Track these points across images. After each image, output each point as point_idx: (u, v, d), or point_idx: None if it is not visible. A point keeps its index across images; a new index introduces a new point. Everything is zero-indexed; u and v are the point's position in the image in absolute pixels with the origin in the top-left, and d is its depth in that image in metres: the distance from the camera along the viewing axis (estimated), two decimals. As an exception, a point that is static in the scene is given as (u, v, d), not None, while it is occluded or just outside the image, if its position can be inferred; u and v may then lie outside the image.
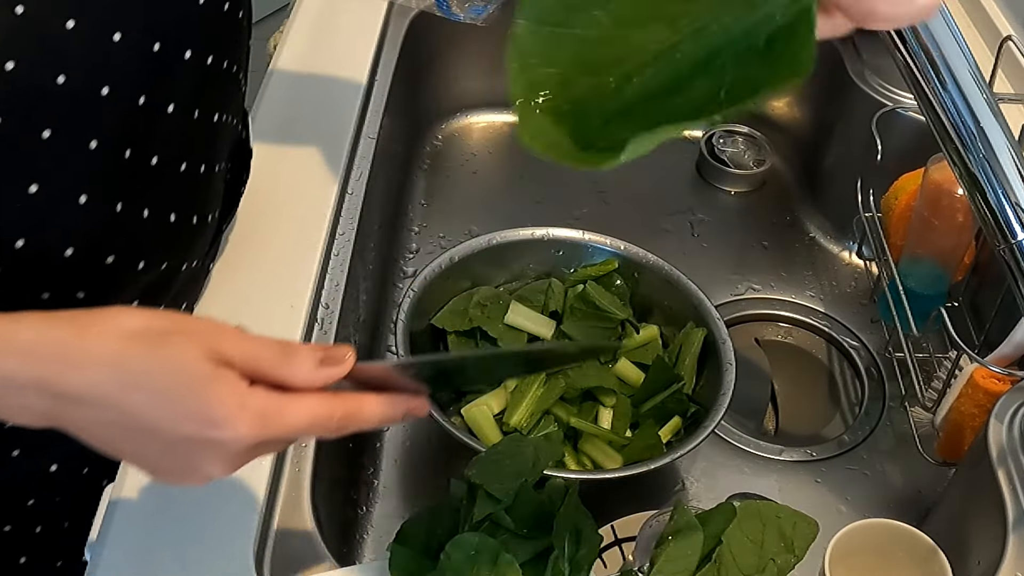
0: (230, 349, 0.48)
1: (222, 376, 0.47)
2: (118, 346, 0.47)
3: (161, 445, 0.48)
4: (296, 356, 0.50)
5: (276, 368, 0.49)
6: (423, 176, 1.21)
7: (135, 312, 0.49)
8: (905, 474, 0.92)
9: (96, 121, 0.59)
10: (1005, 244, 0.64)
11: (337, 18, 1.12)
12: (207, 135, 0.70)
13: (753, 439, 0.93)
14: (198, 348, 0.47)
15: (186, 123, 0.66)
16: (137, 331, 0.47)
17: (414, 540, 0.62)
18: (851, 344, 1.03)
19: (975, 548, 0.72)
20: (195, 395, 0.47)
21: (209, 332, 0.49)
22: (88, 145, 0.59)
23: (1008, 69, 1.06)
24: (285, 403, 0.49)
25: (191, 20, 0.63)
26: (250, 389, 0.48)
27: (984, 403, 0.79)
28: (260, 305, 0.79)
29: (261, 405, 0.48)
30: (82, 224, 0.61)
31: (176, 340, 0.47)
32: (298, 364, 0.50)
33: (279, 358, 0.49)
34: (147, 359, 0.47)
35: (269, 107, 0.98)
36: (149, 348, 0.47)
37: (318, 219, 0.87)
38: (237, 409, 0.47)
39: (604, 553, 0.70)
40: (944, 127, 0.64)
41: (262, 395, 0.48)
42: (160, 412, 0.47)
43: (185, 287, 0.75)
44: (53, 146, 0.57)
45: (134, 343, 0.47)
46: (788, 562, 0.63)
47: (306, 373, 0.50)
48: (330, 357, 0.51)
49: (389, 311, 1.02)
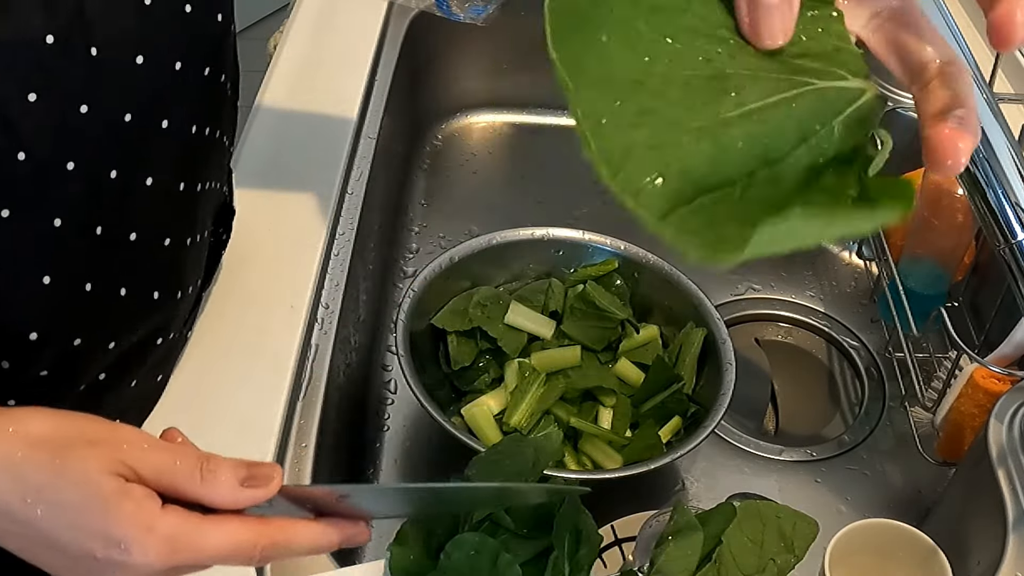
0: (139, 463, 0.45)
1: (128, 493, 0.44)
2: (19, 454, 0.44)
3: (66, 560, 0.45)
4: (216, 473, 0.46)
5: (192, 486, 0.46)
6: (423, 176, 1.21)
7: (44, 416, 0.46)
8: (905, 474, 0.92)
9: (60, 198, 0.55)
10: (1005, 244, 0.64)
11: (337, 18, 1.12)
12: (191, 206, 0.66)
13: (753, 439, 0.93)
14: (104, 461, 0.44)
15: (167, 195, 0.62)
16: (41, 439, 0.45)
17: (414, 540, 0.62)
18: (851, 344, 1.03)
19: (975, 548, 0.72)
20: (98, 512, 0.44)
21: (118, 443, 0.45)
22: (52, 223, 0.55)
23: (1008, 69, 1.06)
24: (200, 527, 0.45)
25: (166, 89, 0.59)
26: (161, 510, 0.45)
27: (984, 403, 0.79)
28: (260, 305, 0.79)
29: (171, 529, 0.45)
30: (46, 306, 0.57)
31: (80, 452, 0.45)
32: (218, 483, 0.46)
33: (196, 474, 0.46)
34: (48, 471, 0.44)
35: (269, 108, 0.98)
36: (50, 459, 0.44)
37: (318, 219, 0.87)
38: (144, 531, 0.44)
39: (604, 553, 0.70)
40: (944, 127, 0.64)
41: (173, 517, 0.45)
42: (61, 527, 0.44)
43: (162, 359, 0.71)
44: (12, 224, 0.53)
45: (36, 452, 0.44)
46: (788, 562, 0.63)
47: (226, 492, 0.46)
48: (254, 476, 0.47)
49: (389, 311, 1.01)
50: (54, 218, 0.55)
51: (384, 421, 0.93)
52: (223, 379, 0.74)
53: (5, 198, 0.53)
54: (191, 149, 0.64)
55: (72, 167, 0.54)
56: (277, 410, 0.72)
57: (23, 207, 0.53)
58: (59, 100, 0.53)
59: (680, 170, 0.37)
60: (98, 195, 0.57)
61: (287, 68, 1.04)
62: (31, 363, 0.59)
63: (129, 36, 0.55)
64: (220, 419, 0.71)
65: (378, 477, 0.89)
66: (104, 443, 0.45)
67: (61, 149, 0.54)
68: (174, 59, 0.59)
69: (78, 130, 0.54)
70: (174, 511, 0.45)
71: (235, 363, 0.75)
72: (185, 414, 0.71)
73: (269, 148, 0.93)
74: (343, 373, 0.83)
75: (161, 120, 0.60)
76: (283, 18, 1.17)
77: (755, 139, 0.39)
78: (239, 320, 0.78)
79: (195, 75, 0.61)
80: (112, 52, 0.54)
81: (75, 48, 0.52)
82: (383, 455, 0.91)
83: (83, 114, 0.54)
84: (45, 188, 0.54)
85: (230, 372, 0.75)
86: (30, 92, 0.51)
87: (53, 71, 0.52)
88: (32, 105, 0.51)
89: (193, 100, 0.62)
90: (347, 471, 0.85)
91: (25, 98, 0.51)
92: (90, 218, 0.57)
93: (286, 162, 0.92)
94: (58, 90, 0.52)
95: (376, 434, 0.91)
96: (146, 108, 0.58)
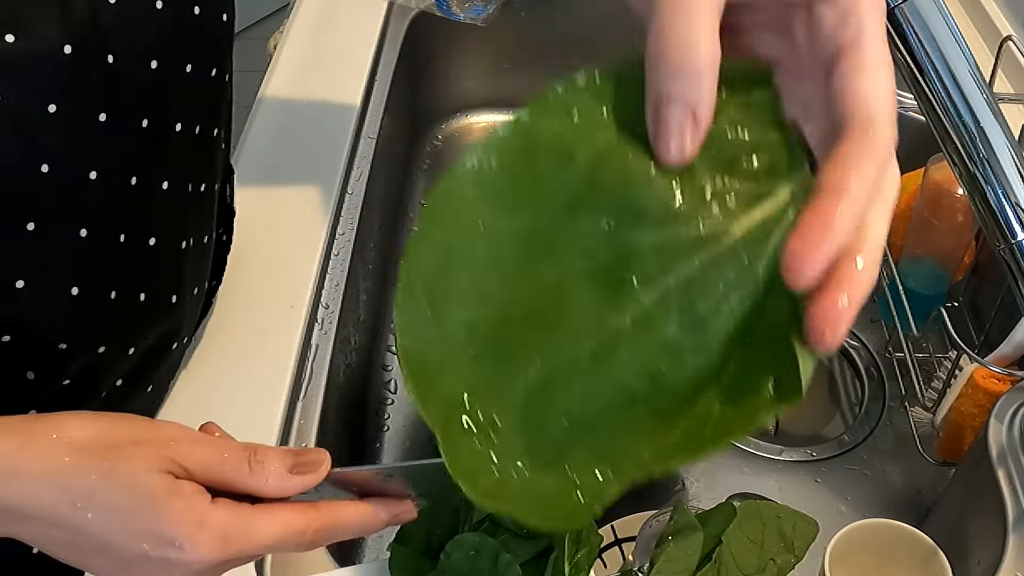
0: (187, 459, 0.45)
1: (178, 490, 0.44)
2: (65, 460, 0.44)
3: (117, 561, 0.45)
4: (264, 463, 0.46)
5: (242, 477, 0.45)
6: (423, 176, 1.21)
7: (84, 420, 0.45)
8: (905, 474, 0.92)
9: (85, 208, 0.55)
10: (1005, 244, 0.64)
11: (337, 18, 1.12)
12: (202, 207, 0.66)
13: (753, 439, 0.93)
14: (151, 460, 0.44)
15: (182, 198, 0.63)
16: (85, 443, 0.44)
17: (414, 540, 0.62)
18: (851, 344, 1.03)
19: (975, 548, 0.72)
20: (149, 512, 0.43)
21: (164, 441, 0.45)
22: (78, 233, 0.55)
23: (1008, 69, 1.06)
24: (251, 518, 0.45)
25: (178, 92, 0.59)
26: (211, 504, 0.45)
27: (984, 403, 0.79)
28: (260, 305, 0.79)
29: (223, 522, 0.44)
30: (74, 317, 0.57)
31: (127, 452, 0.44)
32: (267, 472, 0.46)
33: (244, 465, 0.46)
34: (96, 475, 0.44)
35: (269, 108, 0.98)
36: (98, 462, 0.44)
37: (318, 219, 0.87)
38: (196, 527, 0.44)
39: (604, 553, 0.70)
40: (944, 127, 0.64)
41: (224, 511, 0.45)
42: (112, 530, 0.44)
43: (175, 362, 0.71)
44: (38, 238, 0.53)
45: (82, 457, 0.44)
46: (788, 562, 0.63)
47: (276, 482, 0.46)
48: (303, 463, 0.46)
49: (389, 311, 1.01)
50: (79, 228, 0.55)
51: (384, 421, 0.93)
52: (223, 379, 0.74)
53: (30, 210, 0.52)
54: (200, 150, 0.64)
55: (95, 176, 0.54)
56: (277, 410, 0.72)
57: (48, 219, 0.53)
58: (78, 110, 0.52)
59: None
60: (121, 203, 0.57)
61: (287, 68, 1.04)
62: (57, 373, 0.59)
63: (143, 42, 0.55)
64: (220, 419, 0.70)
65: (378, 477, 0.89)
66: (150, 442, 0.45)
67: (83, 159, 0.54)
68: (185, 62, 0.59)
69: (98, 139, 0.54)
70: (224, 504, 0.45)
71: (235, 363, 0.75)
72: (185, 414, 0.71)
73: (269, 148, 0.93)
74: (343, 373, 0.83)
75: (175, 123, 0.60)
76: (283, 18, 1.17)
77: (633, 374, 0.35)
78: (239, 320, 0.78)
79: (203, 76, 0.61)
80: (128, 59, 0.54)
81: (92, 57, 0.52)
82: (383, 455, 0.91)
83: (102, 122, 0.54)
84: (69, 199, 0.54)
85: (230, 372, 0.74)
86: (50, 104, 0.51)
87: (71, 81, 0.51)
88: (52, 116, 0.51)
89: (201, 101, 0.62)
90: (347, 471, 0.85)
91: (45, 109, 0.51)
92: (114, 226, 0.57)
93: (286, 162, 0.92)
94: (77, 100, 0.52)
95: (376, 434, 0.91)
96: (161, 112, 0.58)
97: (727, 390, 0.34)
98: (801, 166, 0.35)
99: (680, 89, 0.34)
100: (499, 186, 0.35)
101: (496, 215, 0.35)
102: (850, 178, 0.33)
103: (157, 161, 0.59)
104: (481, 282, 0.35)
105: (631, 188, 0.35)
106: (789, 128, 0.36)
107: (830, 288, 0.32)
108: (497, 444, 0.36)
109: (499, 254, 0.35)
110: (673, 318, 0.35)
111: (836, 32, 0.35)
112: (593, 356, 0.35)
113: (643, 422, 0.35)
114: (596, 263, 0.35)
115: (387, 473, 0.50)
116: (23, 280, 0.54)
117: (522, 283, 0.35)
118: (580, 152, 0.35)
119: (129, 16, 0.54)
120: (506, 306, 0.35)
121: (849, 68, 0.34)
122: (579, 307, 0.35)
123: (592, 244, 0.35)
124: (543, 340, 0.35)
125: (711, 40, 0.34)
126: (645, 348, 0.35)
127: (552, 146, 0.35)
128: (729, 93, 0.36)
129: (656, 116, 0.35)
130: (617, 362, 0.35)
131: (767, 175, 0.35)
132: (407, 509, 0.50)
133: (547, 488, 0.35)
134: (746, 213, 0.35)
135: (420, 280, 0.35)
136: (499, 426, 0.36)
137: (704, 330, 0.35)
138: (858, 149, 0.33)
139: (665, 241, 0.35)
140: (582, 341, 0.35)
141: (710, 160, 0.35)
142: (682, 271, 0.35)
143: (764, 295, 0.34)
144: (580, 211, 0.35)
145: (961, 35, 0.63)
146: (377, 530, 0.50)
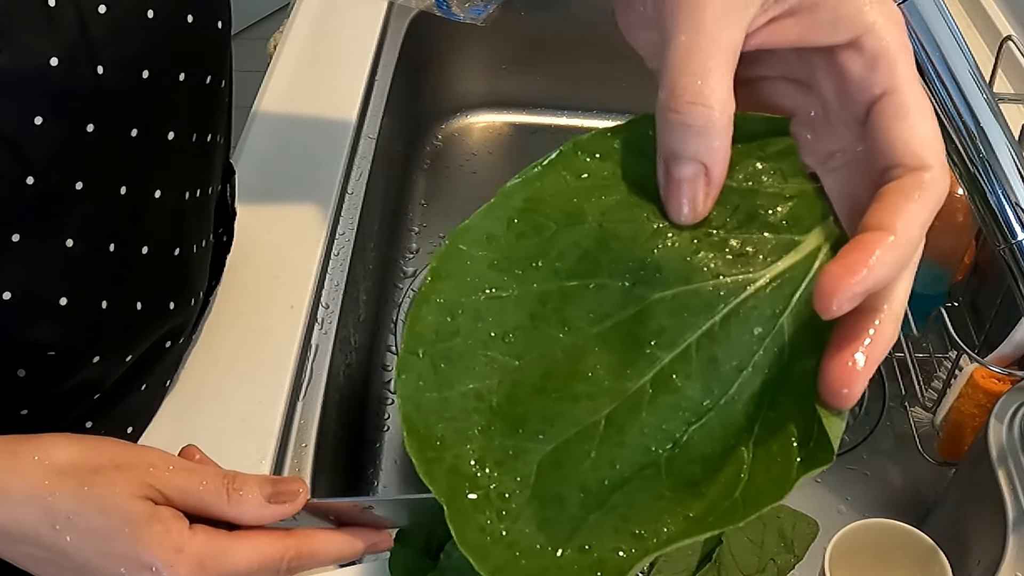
0: (166, 485, 0.46)
1: (157, 516, 0.45)
2: (46, 483, 0.44)
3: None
4: (242, 492, 0.47)
5: (220, 505, 0.46)
6: (423, 176, 1.21)
7: (68, 443, 0.46)
8: (905, 474, 0.92)
9: (72, 219, 0.54)
10: (1005, 244, 0.64)
11: (337, 18, 1.12)
12: (198, 213, 0.66)
13: (753, 439, 0.93)
14: (131, 486, 0.45)
15: (175, 206, 0.62)
16: (67, 466, 0.45)
17: (414, 540, 0.62)
18: (851, 344, 1.03)
19: (975, 548, 0.72)
20: (127, 537, 0.44)
21: (144, 467, 0.46)
22: (65, 244, 0.54)
23: (1008, 69, 1.06)
24: (228, 545, 0.46)
25: (170, 100, 0.58)
26: (189, 531, 0.45)
27: (984, 403, 0.79)
28: (260, 305, 0.79)
29: (200, 549, 0.45)
30: (64, 327, 0.57)
31: (107, 477, 0.45)
32: (245, 501, 0.46)
33: (223, 493, 0.46)
34: (76, 498, 0.44)
35: (268, 108, 0.98)
36: (79, 486, 0.45)
37: (318, 219, 0.87)
38: (173, 553, 0.44)
39: (604, 553, 0.70)
40: (944, 127, 0.64)
41: (201, 537, 0.45)
42: (91, 553, 0.45)
43: (172, 364, 0.72)
44: (24, 248, 0.52)
45: (63, 480, 0.45)
46: (788, 562, 0.63)
47: (254, 511, 0.46)
48: (281, 492, 0.47)
49: (389, 311, 1.01)
50: (66, 239, 0.54)
51: (384, 421, 0.93)
52: (223, 379, 0.74)
53: (15, 223, 0.52)
54: (195, 157, 0.63)
55: (81, 187, 0.54)
56: (277, 410, 0.72)
57: (34, 231, 0.53)
58: (66, 121, 0.52)
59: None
60: (109, 213, 0.57)
61: (287, 68, 1.04)
62: (51, 380, 0.59)
63: (134, 51, 0.54)
64: (220, 419, 0.71)
65: (378, 477, 0.89)
66: (130, 467, 0.46)
67: (69, 170, 0.53)
68: (178, 70, 0.58)
69: (86, 149, 0.53)
70: (202, 531, 0.46)
71: (235, 363, 0.75)
72: (186, 414, 0.71)
73: (269, 148, 0.93)
74: (343, 373, 0.83)
75: (167, 132, 0.59)
76: (283, 18, 1.17)
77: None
78: (239, 320, 0.78)
79: (197, 84, 0.61)
80: (118, 69, 0.53)
81: (81, 69, 0.51)
82: (383, 455, 0.91)
83: (89, 133, 0.53)
84: (56, 210, 0.53)
85: (230, 372, 0.74)
86: (36, 116, 0.50)
87: (59, 93, 0.51)
88: (38, 128, 0.50)
89: (196, 109, 0.62)
90: (347, 471, 0.85)
91: (31, 121, 0.50)
92: (103, 237, 0.57)
93: (286, 162, 0.92)
94: (64, 111, 0.52)
95: (376, 434, 0.91)
96: (152, 121, 0.57)
97: (755, 454, 0.32)
98: (826, 216, 0.34)
99: (692, 147, 0.33)
100: (507, 246, 0.34)
101: (504, 276, 0.34)
102: (899, 220, 0.32)
103: (148, 169, 0.58)
104: (489, 347, 0.34)
105: (644, 245, 0.34)
106: (808, 178, 0.35)
107: (849, 341, 0.31)
108: (508, 520, 0.34)
109: (507, 318, 0.34)
110: (695, 377, 0.33)
111: (866, 79, 0.34)
112: (610, 422, 0.33)
113: (666, 491, 0.33)
114: (610, 324, 0.33)
115: (365, 505, 0.50)
116: (9, 292, 0.53)
117: (532, 348, 0.34)
118: (590, 211, 0.34)
119: (119, 26, 0.53)
120: (516, 373, 0.34)
121: (890, 114, 0.33)
122: (594, 371, 0.33)
123: (605, 304, 0.33)
124: (556, 408, 0.33)
125: (725, 95, 0.33)
126: (666, 410, 0.33)
127: (562, 205, 0.34)
128: (745, 144, 0.35)
129: (667, 174, 0.34)
130: (637, 427, 0.33)
131: (790, 226, 0.34)
132: (384, 539, 0.51)
133: (565, 568, 0.33)
134: (769, 265, 0.33)
135: (424, 345, 0.34)
136: (510, 501, 0.34)
137: (728, 389, 0.33)
138: (910, 194, 0.32)
139: (683, 297, 0.33)
140: (598, 407, 0.33)
141: (728, 212, 0.34)
142: (702, 327, 0.33)
143: (789, 351, 0.33)
144: (591, 271, 0.34)
145: (961, 35, 0.62)
146: (353, 559, 0.51)
